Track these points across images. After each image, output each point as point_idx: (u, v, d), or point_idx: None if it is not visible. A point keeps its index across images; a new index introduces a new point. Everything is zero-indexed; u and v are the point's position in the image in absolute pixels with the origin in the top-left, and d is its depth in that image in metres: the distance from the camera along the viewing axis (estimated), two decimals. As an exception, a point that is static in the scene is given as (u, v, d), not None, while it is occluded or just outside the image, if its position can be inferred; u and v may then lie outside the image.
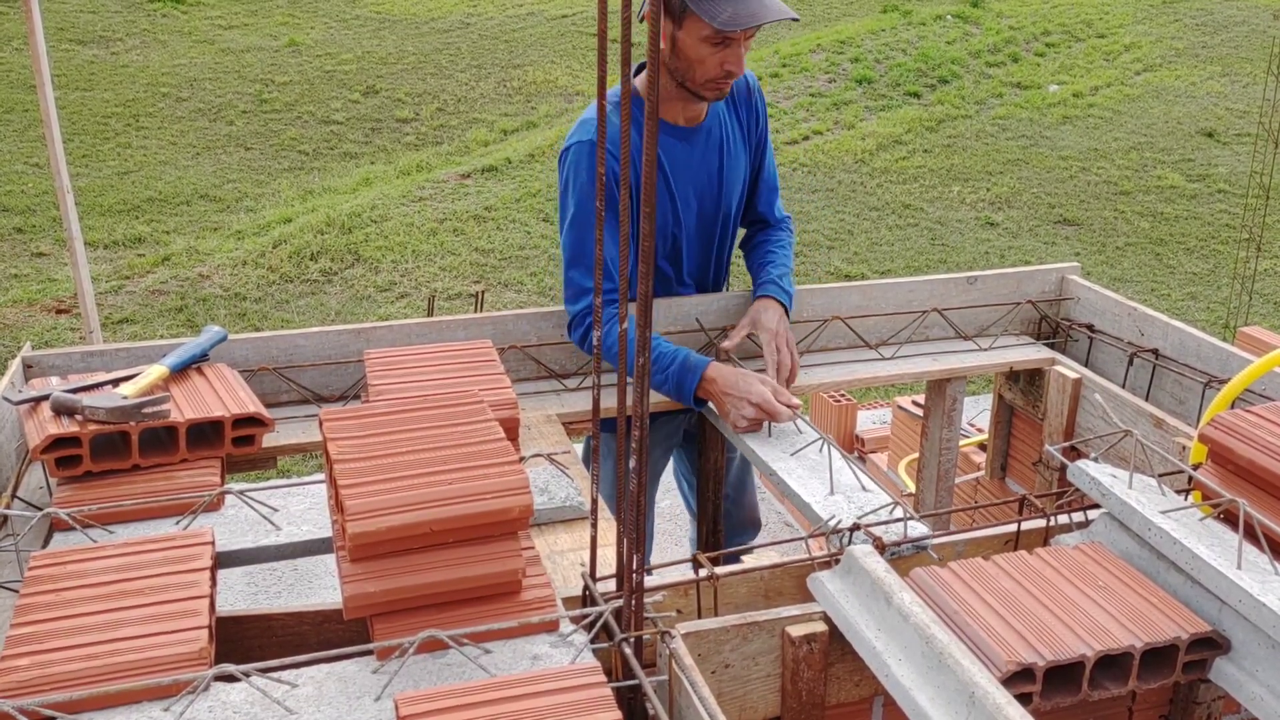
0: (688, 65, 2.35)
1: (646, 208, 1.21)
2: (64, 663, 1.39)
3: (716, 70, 2.34)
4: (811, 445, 2.17)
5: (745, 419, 2.23)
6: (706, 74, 2.35)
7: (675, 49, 2.34)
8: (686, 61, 2.34)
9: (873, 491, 2.00)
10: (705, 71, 2.35)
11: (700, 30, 2.28)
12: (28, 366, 2.27)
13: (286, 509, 1.90)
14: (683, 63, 2.35)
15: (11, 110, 10.04)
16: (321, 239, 7.58)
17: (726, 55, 2.32)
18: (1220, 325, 6.54)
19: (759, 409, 2.21)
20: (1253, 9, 13.76)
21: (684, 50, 2.33)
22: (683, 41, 2.32)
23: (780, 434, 2.23)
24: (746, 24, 2.25)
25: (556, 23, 13.51)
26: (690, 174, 2.53)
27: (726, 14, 2.23)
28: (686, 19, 2.28)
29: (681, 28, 2.31)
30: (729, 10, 2.23)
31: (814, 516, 1.94)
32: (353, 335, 2.42)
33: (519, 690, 1.33)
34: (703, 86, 2.38)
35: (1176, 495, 1.84)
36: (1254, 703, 1.47)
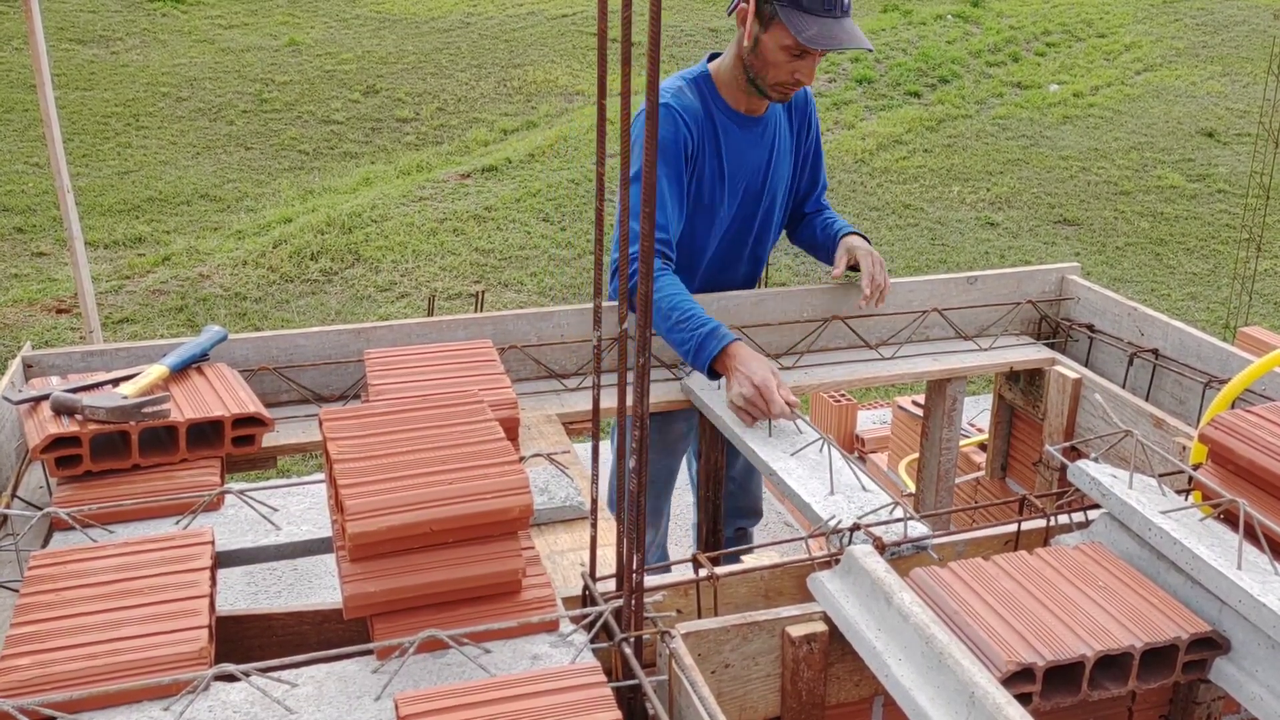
0: (763, 65, 2.50)
1: (647, 207, 1.21)
2: (64, 662, 1.39)
3: (788, 77, 2.50)
4: (811, 445, 2.17)
5: (742, 397, 2.27)
6: (778, 78, 2.51)
7: (756, 48, 2.49)
8: (763, 62, 2.49)
9: (873, 491, 2.00)
10: (777, 75, 2.50)
11: (783, 39, 2.43)
12: (28, 366, 2.27)
13: (286, 509, 1.90)
14: (759, 62, 2.50)
15: (11, 110, 10.04)
16: (322, 239, 7.58)
17: (800, 66, 2.48)
18: (1220, 325, 6.54)
19: (757, 392, 2.25)
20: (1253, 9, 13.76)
21: (764, 51, 2.48)
22: (765, 44, 2.47)
23: (780, 434, 2.23)
24: (828, 46, 2.41)
25: (556, 22, 13.51)
26: (741, 160, 2.66)
27: (813, 31, 2.40)
28: (774, 25, 2.44)
29: (767, 31, 2.46)
30: (815, 28, 2.40)
31: (814, 516, 1.94)
32: (353, 335, 2.42)
33: (519, 690, 1.33)
34: (771, 87, 2.54)
35: (1176, 495, 1.84)
36: (1254, 703, 1.47)
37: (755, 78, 2.53)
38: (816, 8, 2.41)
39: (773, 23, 2.43)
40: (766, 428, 2.25)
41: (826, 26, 2.41)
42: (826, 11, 2.41)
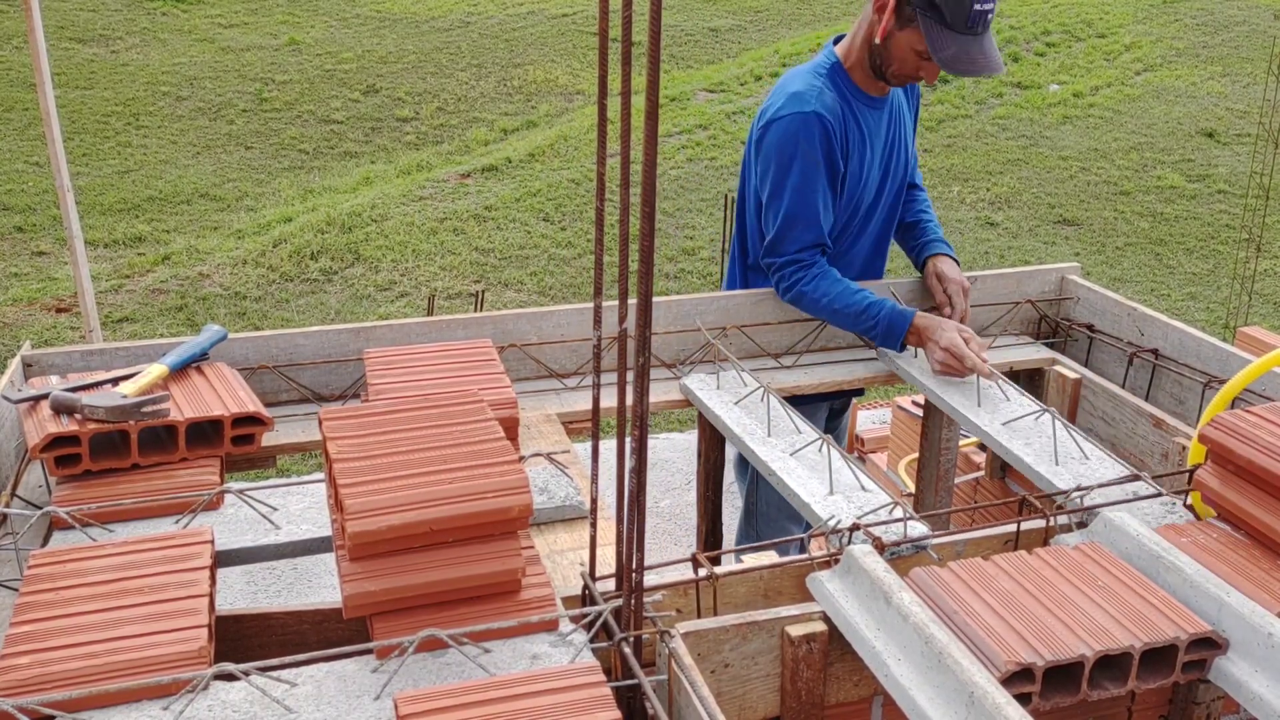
0: (890, 58, 2.52)
1: (646, 207, 1.21)
2: (63, 661, 1.39)
3: (913, 72, 2.53)
4: (811, 445, 2.17)
5: (938, 362, 2.44)
6: (903, 71, 2.53)
7: (887, 41, 2.50)
8: (891, 56, 2.51)
9: (872, 491, 2.00)
10: (902, 69, 2.53)
11: (917, 44, 2.44)
12: (27, 365, 2.27)
13: (286, 508, 1.90)
14: (887, 55, 2.52)
15: (11, 109, 10.04)
16: (322, 238, 7.58)
17: (928, 67, 2.50)
18: (1220, 325, 6.54)
19: (947, 352, 2.41)
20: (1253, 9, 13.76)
21: (895, 48, 2.49)
22: (897, 40, 2.48)
23: (780, 433, 2.23)
24: (965, 72, 2.44)
25: (557, 21, 13.51)
26: (881, 141, 2.70)
27: (950, 51, 2.40)
28: (911, 27, 2.44)
29: (902, 30, 2.46)
30: (954, 49, 2.40)
31: (813, 516, 1.94)
32: (352, 334, 2.42)
33: (518, 689, 1.33)
34: (893, 77, 2.57)
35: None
36: (1253, 703, 1.47)
37: (879, 65, 2.55)
38: (960, 24, 2.37)
39: (910, 25, 2.43)
40: (766, 428, 2.25)
41: (965, 46, 2.39)
42: (969, 29, 2.38)
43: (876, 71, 2.58)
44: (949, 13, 2.36)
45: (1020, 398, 2.35)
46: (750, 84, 11.11)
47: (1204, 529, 1.81)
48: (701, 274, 7.32)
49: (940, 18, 2.37)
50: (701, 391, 2.44)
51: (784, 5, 14.26)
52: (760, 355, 2.66)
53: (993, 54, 2.44)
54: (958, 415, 2.36)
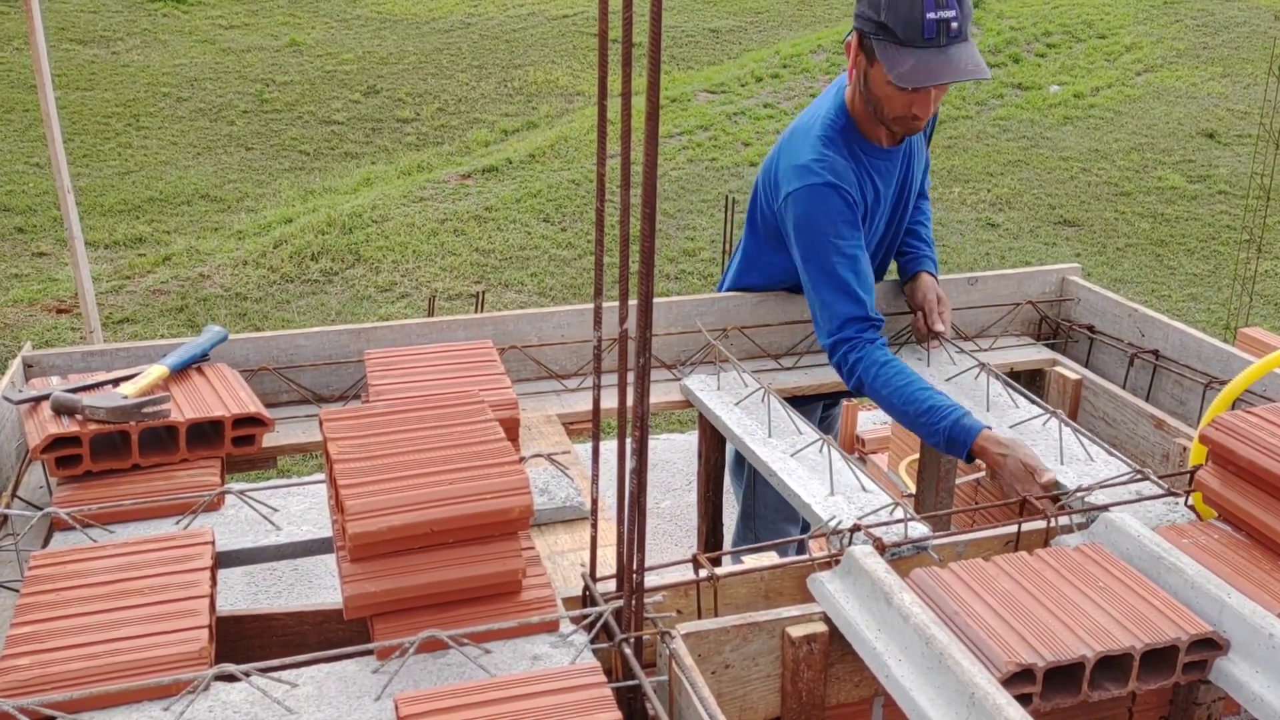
0: (876, 101, 2.37)
1: (647, 208, 1.21)
2: (64, 662, 1.39)
3: (904, 111, 2.35)
4: (812, 445, 2.17)
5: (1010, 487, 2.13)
6: (894, 112, 2.37)
7: (866, 83, 2.36)
8: (875, 98, 2.37)
9: (873, 492, 2.00)
10: (892, 110, 2.36)
11: (885, 75, 2.28)
12: (28, 366, 2.27)
13: (286, 509, 1.90)
14: (872, 98, 2.38)
15: (12, 110, 10.04)
16: (322, 239, 7.58)
17: (914, 99, 2.32)
18: (1221, 326, 6.54)
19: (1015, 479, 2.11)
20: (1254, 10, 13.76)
21: (872, 88, 2.35)
22: (872, 79, 2.34)
23: (780, 434, 2.23)
24: (922, 82, 2.24)
25: (557, 23, 13.51)
26: (892, 189, 2.58)
27: (906, 67, 2.23)
28: (876, 61, 2.29)
29: (872, 66, 2.32)
30: (910, 63, 2.23)
31: (814, 517, 1.94)
32: (353, 335, 2.42)
33: (519, 690, 1.33)
34: (891, 122, 2.40)
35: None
36: (1254, 704, 1.47)
37: (875, 113, 2.40)
38: (915, 39, 2.21)
39: (874, 57, 2.29)
40: (767, 428, 2.25)
41: (925, 59, 2.21)
42: (927, 42, 2.21)
43: (882, 123, 2.43)
44: (900, 29, 2.21)
45: (1029, 405, 2.34)
46: (751, 85, 11.11)
47: (1205, 530, 1.81)
48: (702, 275, 7.31)
49: (893, 37, 2.22)
50: (702, 392, 2.44)
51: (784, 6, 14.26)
52: (760, 356, 2.66)
53: (962, 61, 2.24)
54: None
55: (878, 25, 2.24)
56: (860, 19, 2.29)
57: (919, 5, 2.20)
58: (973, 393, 2.42)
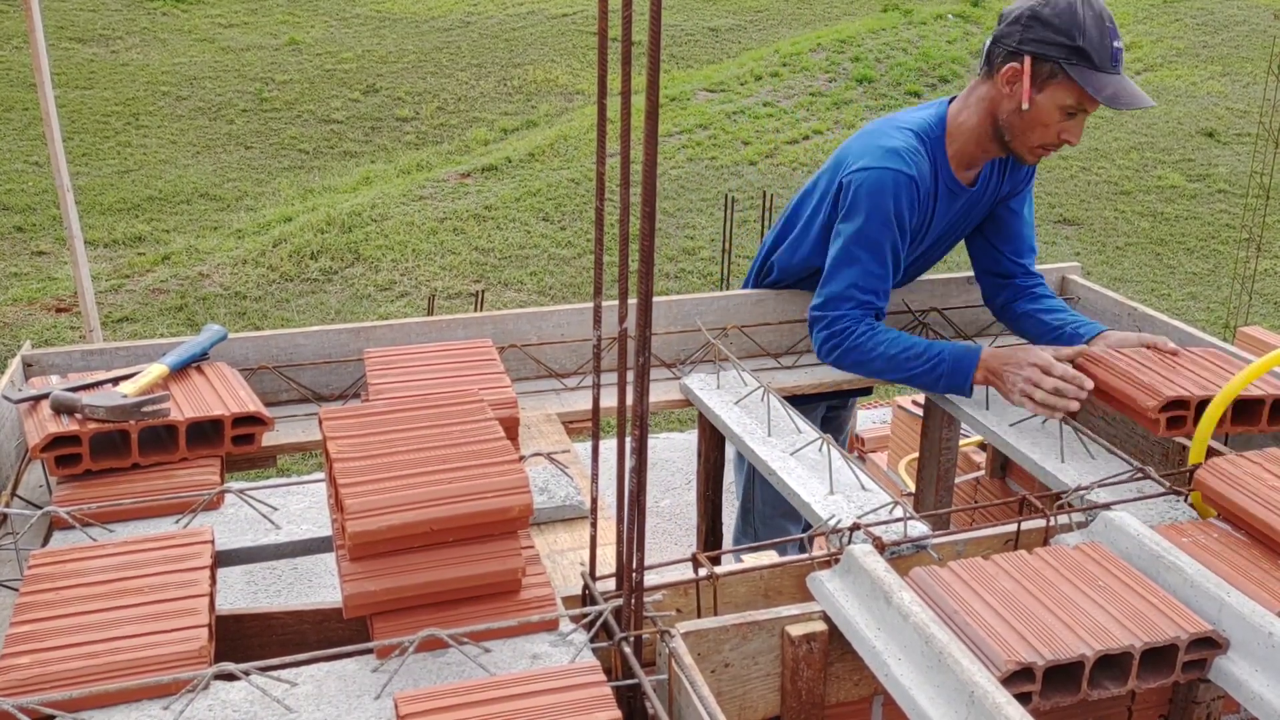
0: (1029, 126, 2.36)
1: (647, 207, 1.21)
2: (63, 661, 1.39)
3: (1054, 138, 2.37)
4: (811, 444, 2.17)
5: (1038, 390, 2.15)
6: (1044, 139, 2.37)
7: (1023, 108, 2.34)
8: (1031, 123, 2.35)
9: (872, 491, 2.00)
10: (1044, 137, 2.37)
11: (1065, 98, 2.30)
12: (27, 365, 2.27)
13: (286, 508, 1.90)
14: (1025, 124, 2.36)
15: (11, 109, 10.04)
16: (322, 238, 7.58)
17: (1070, 125, 2.34)
18: (1220, 325, 6.54)
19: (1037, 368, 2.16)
20: (1253, 8, 13.76)
21: (1037, 112, 2.33)
22: (1039, 103, 2.32)
23: (780, 433, 2.23)
24: (1129, 105, 2.28)
25: (557, 21, 13.51)
26: (944, 225, 2.58)
27: (1110, 90, 2.26)
28: (1054, 83, 2.30)
29: (1043, 90, 2.31)
30: (1113, 88, 2.27)
31: (814, 516, 1.94)
32: (353, 334, 2.42)
33: (518, 689, 1.33)
34: (1030, 149, 2.41)
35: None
36: (1253, 703, 1.47)
37: (1013, 139, 2.39)
38: (1106, 64, 2.27)
39: (1051, 82, 2.30)
40: (766, 427, 2.25)
41: (1119, 84, 2.28)
42: (1114, 68, 2.28)
43: (1007, 147, 2.42)
44: (1096, 55, 2.26)
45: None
46: (750, 84, 11.11)
47: (1204, 529, 1.81)
48: (702, 274, 7.32)
49: (1090, 62, 2.26)
50: (702, 391, 2.44)
51: (784, 5, 14.26)
52: (760, 355, 2.66)
53: (1136, 88, 2.31)
54: (964, 416, 2.36)
55: (1072, 50, 2.26)
56: (1043, 44, 2.29)
57: (1108, 34, 2.27)
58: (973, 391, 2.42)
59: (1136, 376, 2.13)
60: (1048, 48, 2.28)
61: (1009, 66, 2.34)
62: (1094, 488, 1.95)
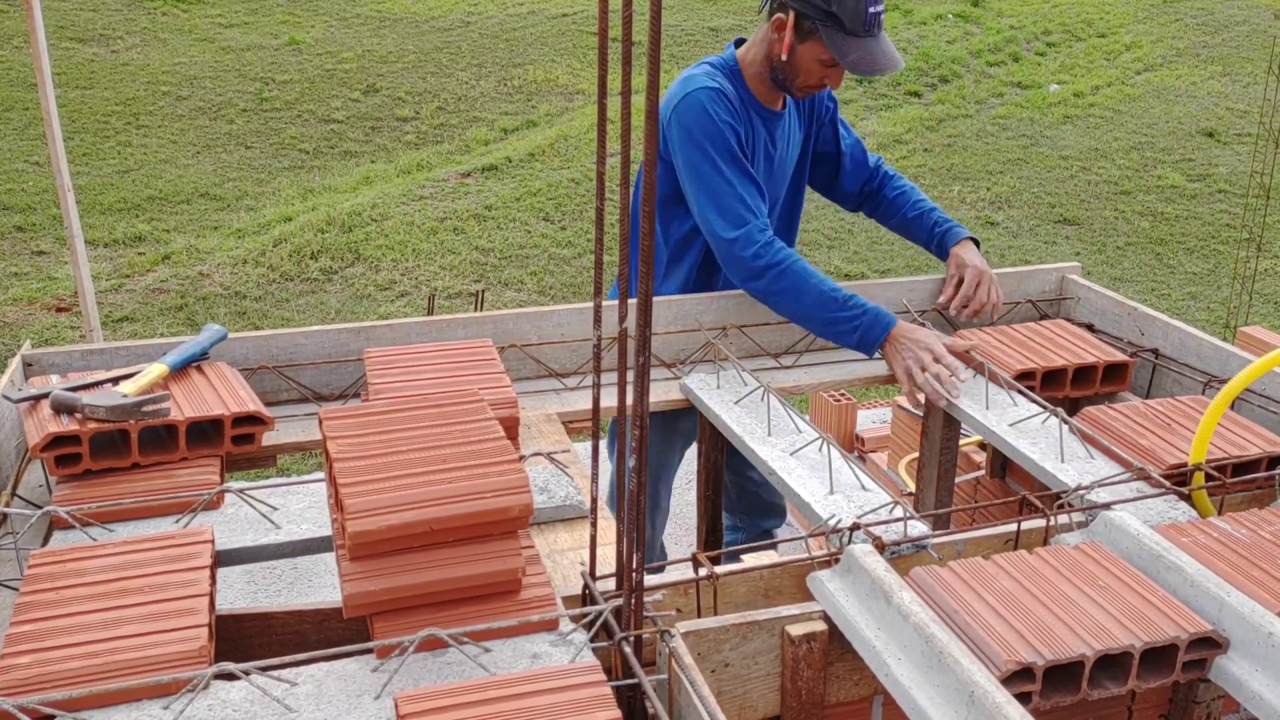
0: (794, 72, 2.57)
1: (647, 206, 1.21)
2: (64, 661, 1.39)
3: (817, 83, 2.59)
4: (811, 444, 2.17)
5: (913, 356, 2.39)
6: (807, 83, 2.59)
7: (790, 55, 2.54)
8: (794, 69, 2.57)
9: (872, 491, 2.00)
10: (807, 80, 2.59)
11: (820, 54, 2.51)
12: (27, 365, 2.27)
13: (286, 507, 1.90)
14: (790, 69, 2.57)
15: (12, 108, 10.04)
16: (322, 238, 7.58)
17: (831, 74, 2.57)
18: (1220, 325, 6.54)
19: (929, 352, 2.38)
20: (1253, 8, 13.76)
21: (797, 61, 2.55)
22: (800, 54, 2.54)
23: (780, 433, 2.23)
24: (871, 71, 2.50)
25: (557, 21, 13.50)
26: (792, 152, 2.78)
27: (855, 55, 2.48)
28: (812, 39, 2.50)
29: (803, 43, 2.52)
30: (858, 53, 2.48)
31: (814, 516, 1.94)
32: (353, 334, 2.42)
33: (518, 689, 1.33)
34: (799, 90, 2.63)
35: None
36: (1253, 702, 1.47)
37: (782, 79, 2.59)
38: (858, 29, 2.45)
39: (811, 37, 2.50)
40: (766, 427, 2.25)
41: (867, 48, 2.47)
42: (867, 32, 2.46)
43: (780, 85, 2.62)
44: (847, 20, 2.44)
45: (1028, 403, 2.35)
46: (750, 83, 11.09)
47: (1204, 528, 1.81)
48: (702, 273, 7.31)
49: (840, 26, 2.44)
50: (702, 391, 2.44)
51: (784, 5, 14.24)
52: (760, 355, 2.66)
53: (892, 52, 2.51)
54: (964, 416, 2.36)
55: (826, 13, 2.45)
56: (803, 2, 2.47)
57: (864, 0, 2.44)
58: (970, 390, 2.42)
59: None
60: (807, 6, 2.47)
61: (776, 17, 2.54)
62: (1094, 487, 1.95)
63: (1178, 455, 2.04)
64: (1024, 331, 2.64)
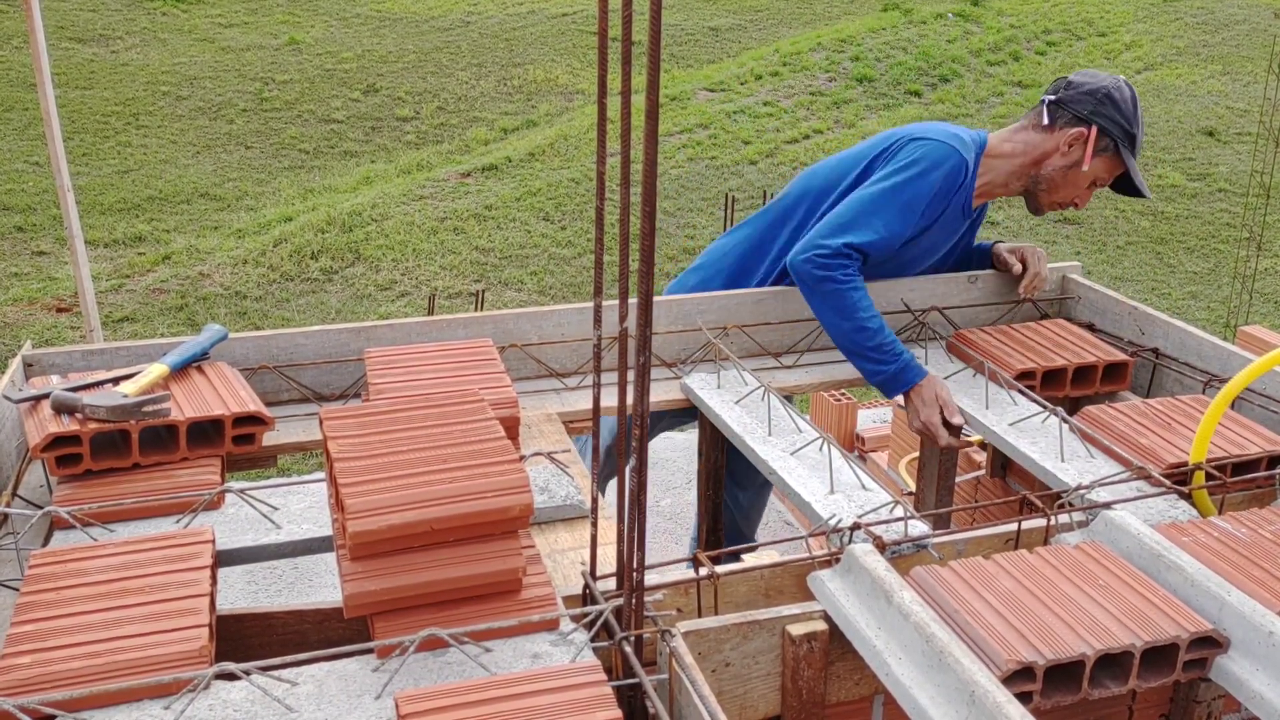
0: (1067, 184, 2.63)
1: (647, 206, 1.21)
2: (64, 661, 1.39)
3: (1071, 200, 2.67)
4: (812, 444, 2.17)
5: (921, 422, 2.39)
6: (1063, 199, 2.66)
7: (1068, 169, 2.60)
8: (1070, 182, 2.63)
9: (873, 490, 2.00)
10: (1065, 197, 2.66)
11: (1103, 172, 2.60)
12: (28, 365, 2.27)
13: (287, 507, 1.90)
14: (1060, 182, 2.63)
15: (12, 109, 10.04)
16: (322, 238, 7.58)
17: (1086, 195, 2.66)
18: (1221, 324, 6.54)
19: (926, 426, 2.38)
20: (1253, 7, 13.76)
21: (1079, 177, 2.61)
22: (1091, 170, 2.60)
23: (781, 432, 2.23)
24: (1142, 191, 2.62)
25: (557, 21, 13.50)
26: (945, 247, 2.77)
27: (1139, 178, 2.61)
28: (1105, 156, 2.59)
29: (1096, 159, 2.59)
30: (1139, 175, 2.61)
31: (814, 515, 1.94)
32: (353, 334, 2.42)
33: (519, 689, 1.33)
34: (1049, 205, 2.69)
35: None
36: (1254, 701, 1.47)
37: (1044, 189, 2.65)
38: (1137, 151, 2.59)
39: (1104, 155, 2.57)
40: (767, 426, 2.25)
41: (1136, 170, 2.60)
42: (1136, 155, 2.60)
43: (1029, 193, 2.67)
44: (1137, 145, 2.58)
45: (1028, 403, 2.35)
46: (750, 83, 11.11)
47: (1205, 528, 1.81)
48: (702, 273, 7.30)
49: (1134, 150, 2.57)
50: (702, 391, 2.44)
51: (784, 4, 14.26)
52: (761, 355, 2.66)
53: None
54: (964, 416, 2.36)
55: (1128, 135, 2.56)
56: (1111, 122, 2.55)
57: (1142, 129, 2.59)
58: (971, 390, 2.42)
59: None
60: (1113, 126, 2.55)
61: (1078, 129, 2.57)
62: (1094, 487, 1.95)
63: (1178, 454, 2.04)
64: (1024, 331, 2.64)
